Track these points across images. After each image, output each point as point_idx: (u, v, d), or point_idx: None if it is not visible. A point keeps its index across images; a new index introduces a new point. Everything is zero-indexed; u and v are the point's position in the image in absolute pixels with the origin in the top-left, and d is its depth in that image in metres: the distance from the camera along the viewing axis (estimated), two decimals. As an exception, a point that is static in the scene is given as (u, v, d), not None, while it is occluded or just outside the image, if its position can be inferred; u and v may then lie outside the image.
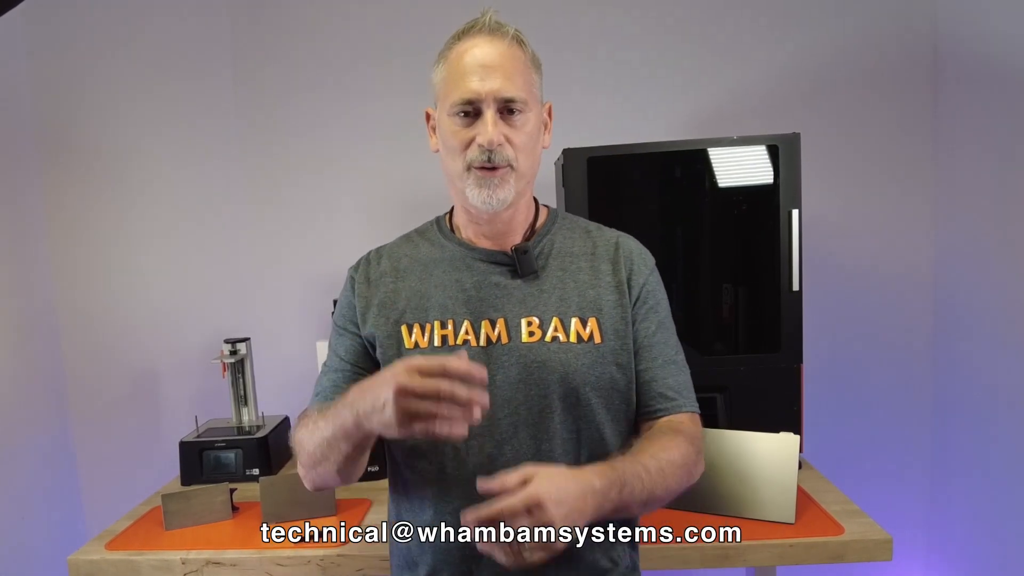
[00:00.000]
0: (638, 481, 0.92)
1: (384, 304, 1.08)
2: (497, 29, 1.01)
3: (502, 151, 0.99)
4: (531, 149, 1.03)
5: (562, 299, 1.04)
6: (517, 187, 1.02)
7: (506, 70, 0.99)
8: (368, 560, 1.39)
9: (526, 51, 1.03)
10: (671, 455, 0.97)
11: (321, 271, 2.16)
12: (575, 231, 1.12)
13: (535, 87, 1.04)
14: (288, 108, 2.14)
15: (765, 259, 1.66)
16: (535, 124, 1.04)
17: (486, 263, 1.07)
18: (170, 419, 2.20)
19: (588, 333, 1.03)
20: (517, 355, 1.01)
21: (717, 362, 1.69)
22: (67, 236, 2.18)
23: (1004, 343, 1.82)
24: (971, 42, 1.91)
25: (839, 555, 1.34)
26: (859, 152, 2.07)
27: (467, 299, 1.04)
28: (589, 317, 1.03)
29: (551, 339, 1.02)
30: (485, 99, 0.98)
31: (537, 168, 1.08)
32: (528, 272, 1.05)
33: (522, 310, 1.03)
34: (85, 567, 1.42)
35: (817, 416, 1.99)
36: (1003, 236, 1.82)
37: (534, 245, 1.07)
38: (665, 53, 2.07)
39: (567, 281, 1.06)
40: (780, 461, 1.43)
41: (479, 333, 1.02)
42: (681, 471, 0.98)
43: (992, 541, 1.89)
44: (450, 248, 1.10)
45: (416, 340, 1.04)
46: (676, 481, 0.98)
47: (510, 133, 1.00)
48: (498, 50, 0.99)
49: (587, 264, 1.07)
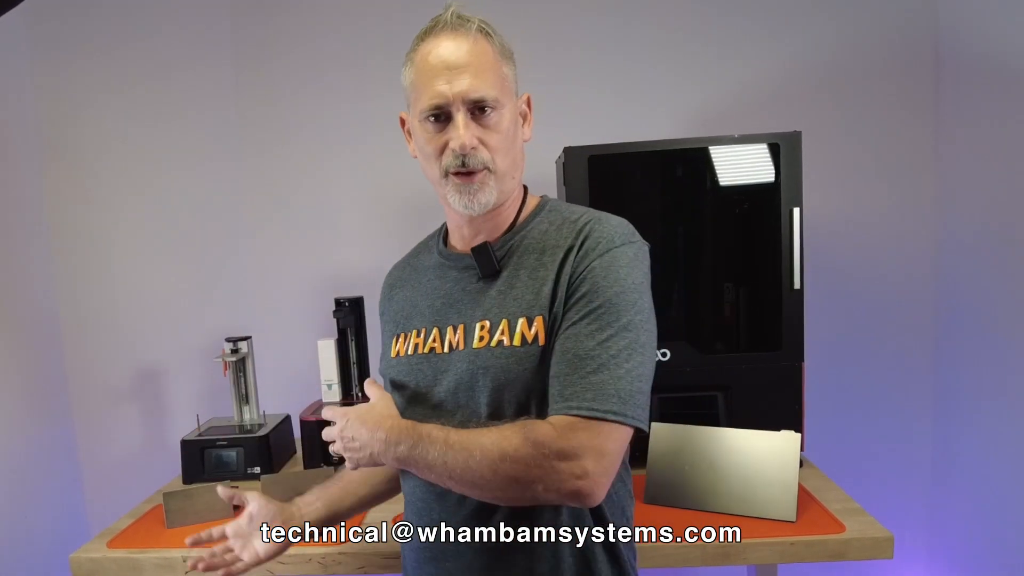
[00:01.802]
0: (433, 447, 0.89)
1: (391, 317, 1.13)
2: (460, 25, 0.95)
3: (476, 154, 0.95)
4: (508, 148, 0.98)
5: (515, 299, 0.96)
6: (500, 187, 0.98)
7: (473, 68, 0.93)
8: (369, 558, 1.39)
9: (494, 43, 0.97)
10: (486, 440, 0.87)
11: (323, 269, 2.16)
12: (554, 222, 1.01)
13: (507, 80, 0.98)
14: (289, 107, 2.14)
15: (766, 257, 1.65)
16: (510, 120, 0.98)
17: (458, 268, 1.04)
18: (172, 418, 2.20)
19: (533, 334, 0.93)
20: (467, 361, 0.96)
21: (718, 361, 1.69)
22: (67, 235, 2.18)
23: (1005, 341, 1.82)
24: (972, 40, 1.91)
25: (840, 553, 1.34)
26: (860, 150, 2.06)
27: (440, 306, 1.04)
28: (536, 316, 0.94)
29: (496, 343, 0.95)
30: (454, 102, 0.93)
31: (520, 163, 1.03)
32: (487, 273, 1.00)
33: (479, 313, 0.98)
34: (87, 565, 1.42)
35: (818, 414, 1.99)
36: (1005, 235, 1.82)
37: (504, 243, 1.01)
38: (666, 52, 2.07)
39: (524, 279, 0.97)
40: (781, 459, 1.43)
41: (444, 340, 1.01)
42: (491, 459, 0.86)
43: (993, 539, 1.89)
44: (436, 256, 1.10)
45: (398, 349, 1.07)
46: (483, 466, 0.86)
47: (483, 134, 0.95)
48: (463, 47, 0.94)
49: (550, 258, 0.97)
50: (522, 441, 0.86)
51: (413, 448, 0.91)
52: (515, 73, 1.01)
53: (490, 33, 0.97)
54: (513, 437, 0.86)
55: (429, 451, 0.89)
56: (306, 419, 1.81)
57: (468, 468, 0.87)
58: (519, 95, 1.03)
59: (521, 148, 1.03)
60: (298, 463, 1.94)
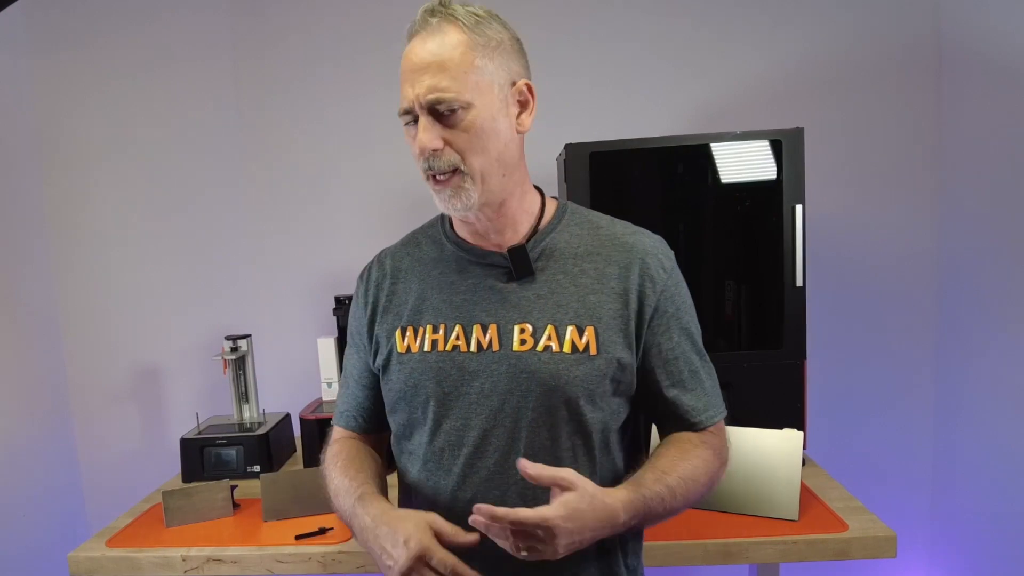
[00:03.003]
0: (660, 506, 0.92)
1: (386, 308, 1.07)
2: (426, 23, 0.93)
3: (441, 156, 0.93)
4: (482, 147, 0.93)
5: (559, 305, 0.98)
6: (484, 187, 0.95)
7: (434, 68, 0.91)
8: (369, 557, 1.38)
9: (471, 34, 0.92)
10: (696, 472, 0.96)
11: (322, 267, 2.16)
12: (583, 228, 1.04)
13: (483, 73, 0.92)
14: (290, 105, 2.13)
15: (768, 255, 1.65)
16: (485, 116, 0.93)
17: (482, 265, 1.02)
18: (171, 416, 2.20)
19: (584, 343, 0.96)
20: (507, 364, 0.96)
21: (720, 358, 1.65)
22: (67, 234, 2.17)
23: (1008, 339, 1.81)
24: (975, 37, 1.90)
25: (843, 552, 1.33)
26: (863, 147, 2.06)
27: (461, 303, 1.01)
28: (587, 326, 0.96)
29: (543, 348, 0.96)
30: (415, 105, 0.92)
31: (511, 158, 0.98)
32: (524, 274, 0.99)
33: (515, 316, 0.98)
34: (86, 564, 1.41)
35: (820, 413, 1.98)
36: (1007, 233, 1.81)
37: (534, 244, 1.01)
38: (668, 48, 2.07)
39: (566, 285, 0.99)
40: (784, 458, 1.42)
41: (470, 338, 0.98)
42: (703, 488, 0.98)
43: (996, 537, 1.89)
44: (449, 248, 1.06)
45: (408, 344, 1.02)
46: (697, 496, 0.97)
47: (449, 135, 0.92)
48: (429, 46, 0.92)
49: (591, 266, 1.00)
50: (714, 459, 1.00)
51: (645, 520, 0.94)
52: (505, 62, 0.95)
53: (465, 23, 0.93)
54: (709, 457, 1.00)
55: (656, 512, 0.93)
56: (306, 417, 1.81)
57: (687, 503, 0.96)
58: (512, 84, 0.97)
59: (512, 141, 0.98)
60: (298, 462, 1.93)
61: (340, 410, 1.14)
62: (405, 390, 1.01)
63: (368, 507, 0.96)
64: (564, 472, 0.87)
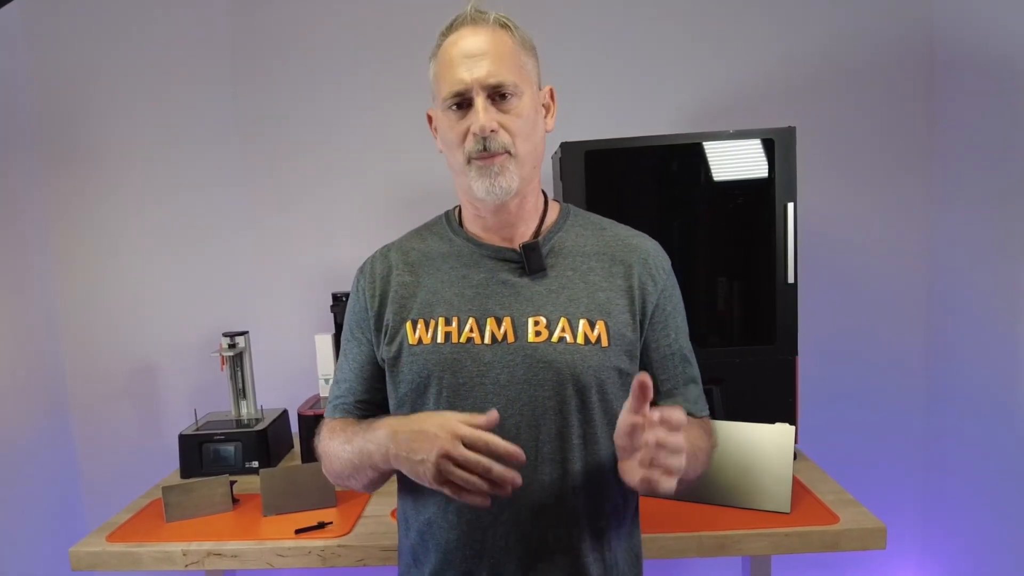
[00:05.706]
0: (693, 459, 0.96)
1: (394, 299, 1.07)
2: (479, 18, 1.00)
3: (496, 138, 0.97)
4: (528, 134, 1.00)
5: (571, 299, 1.02)
6: (520, 174, 1.00)
7: (492, 56, 0.97)
8: (368, 551, 1.40)
9: (514, 35, 1.01)
10: (697, 446, 1.00)
11: (320, 264, 2.17)
12: (588, 229, 1.09)
13: (527, 69, 1.01)
14: (287, 103, 2.14)
15: (760, 252, 1.67)
16: (531, 107, 1.01)
17: (494, 259, 1.05)
18: (169, 412, 2.21)
19: (596, 335, 1.01)
20: (523, 354, 0.99)
21: (713, 354, 1.69)
22: (67, 232, 2.18)
23: (997, 335, 1.84)
24: (967, 36, 1.92)
25: (834, 544, 1.36)
26: (854, 146, 2.08)
27: (474, 296, 1.03)
28: (597, 320, 1.01)
29: (557, 339, 1.00)
30: (473, 87, 0.97)
31: (541, 153, 1.06)
32: (536, 269, 1.03)
33: (529, 309, 1.01)
34: (87, 559, 1.43)
35: (812, 407, 2.00)
36: (998, 230, 1.84)
37: (544, 242, 1.05)
38: (661, 47, 2.08)
39: (576, 281, 1.03)
40: (776, 451, 1.44)
41: (484, 331, 1.01)
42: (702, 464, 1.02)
43: (985, 529, 1.91)
44: (458, 243, 1.08)
45: (420, 336, 1.03)
46: (699, 467, 1.01)
47: (504, 119, 0.98)
48: (482, 38, 0.98)
49: (598, 265, 1.05)
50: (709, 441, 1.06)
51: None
52: (536, 65, 1.05)
53: (509, 26, 1.01)
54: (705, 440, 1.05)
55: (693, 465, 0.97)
56: (304, 413, 1.82)
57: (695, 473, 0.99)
58: (541, 87, 1.06)
59: (542, 138, 1.06)
60: (296, 457, 1.94)
61: (334, 403, 1.13)
62: (418, 381, 1.02)
63: (380, 425, 0.97)
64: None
